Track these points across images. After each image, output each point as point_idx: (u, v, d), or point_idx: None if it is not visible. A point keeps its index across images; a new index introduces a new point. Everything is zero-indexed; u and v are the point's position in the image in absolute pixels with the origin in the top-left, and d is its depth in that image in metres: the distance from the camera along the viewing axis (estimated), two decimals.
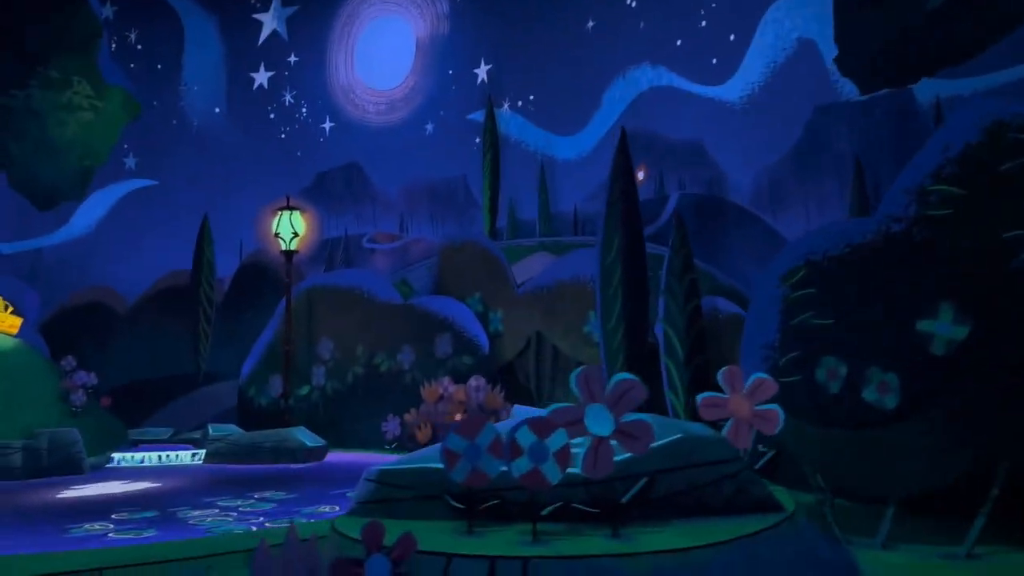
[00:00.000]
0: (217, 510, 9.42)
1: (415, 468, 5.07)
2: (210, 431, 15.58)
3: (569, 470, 5.21)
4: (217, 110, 23.55)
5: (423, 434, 14.35)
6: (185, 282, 19.39)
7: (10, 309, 15.58)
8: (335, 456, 14.66)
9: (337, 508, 9.34)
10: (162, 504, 9.81)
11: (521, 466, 5.21)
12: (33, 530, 8.33)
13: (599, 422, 5.30)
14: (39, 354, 15.82)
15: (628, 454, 5.41)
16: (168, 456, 14.92)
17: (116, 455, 14.69)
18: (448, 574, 4.32)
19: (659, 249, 12.59)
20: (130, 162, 22.87)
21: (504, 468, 5.28)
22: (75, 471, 13.34)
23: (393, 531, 4.09)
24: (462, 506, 5.32)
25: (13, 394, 14.29)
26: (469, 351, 15.19)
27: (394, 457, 13.65)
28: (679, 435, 5.85)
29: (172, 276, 19.83)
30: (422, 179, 21.04)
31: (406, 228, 21.30)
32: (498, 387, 14.21)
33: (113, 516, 9.03)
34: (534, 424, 5.21)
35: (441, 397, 14.47)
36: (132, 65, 22.93)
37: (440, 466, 5.06)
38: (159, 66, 23.48)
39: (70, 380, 15.39)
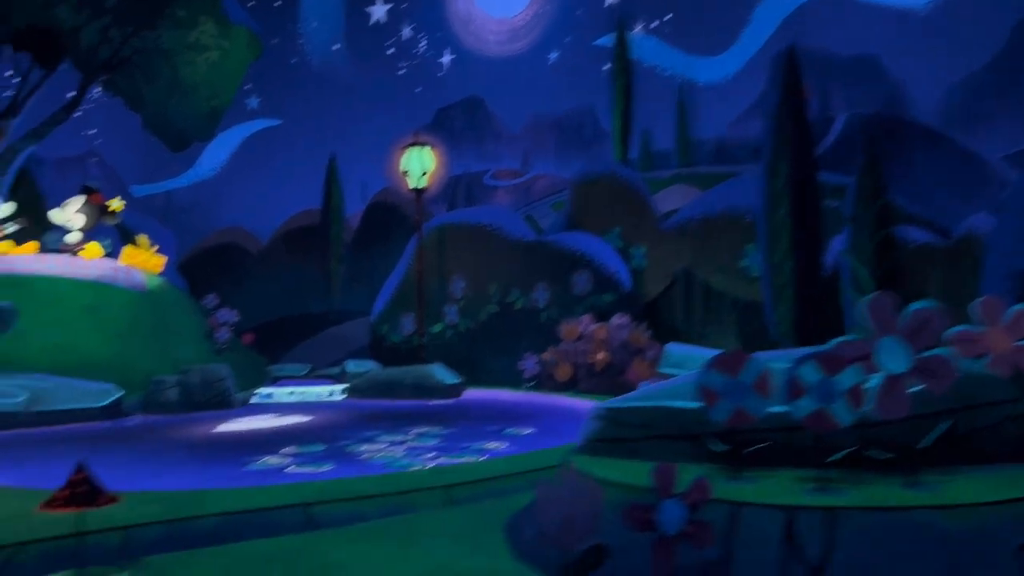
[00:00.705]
0: (384, 445, 9.33)
1: (651, 406, 4.62)
2: (348, 367, 15.76)
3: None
4: (336, 47, 23.35)
5: (562, 372, 14.02)
6: (315, 221, 19.54)
7: (155, 248, 16.01)
8: (471, 393, 14.56)
9: (505, 444, 9.11)
10: (324, 438, 9.82)
11: (805, 406, 4.62)
12: (212, 464, 8.42)
13: (893, 357, 4.59)
14: (184, 292, 16.28)
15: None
16: (311, 391, 15.14)
17: (260, 391, 15.04)
18: (736, 524, 3.83)
19: (825, 175, 11.57)
20: (252, 102, 23.11)
21: (774, 408, 4.62)
22: (225, 406, 13.69)
23: (627, 473, 3.65)
24: (726, 448, 4.73)
25: (164, 331, 14.77)
26: (609, 288, 14.66)
27: (532, 396, 13.68)
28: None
29: (303, 216, 20.04)
30: (546, 112, 20.32)
31: (529, 164, 20.74)
32: (643, 325, 13.64)
33: (283, 450, 9.05)
34: (823, 360, 4.55)
35: (581, 335, 14.05)
36: (251, 3, 22.95)
37: (680, 404, 4.58)
38: (276, 2, 23.40)
39: (214, 318, 15.81)
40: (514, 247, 15.78)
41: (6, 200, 15.25)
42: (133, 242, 15.93)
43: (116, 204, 15.44)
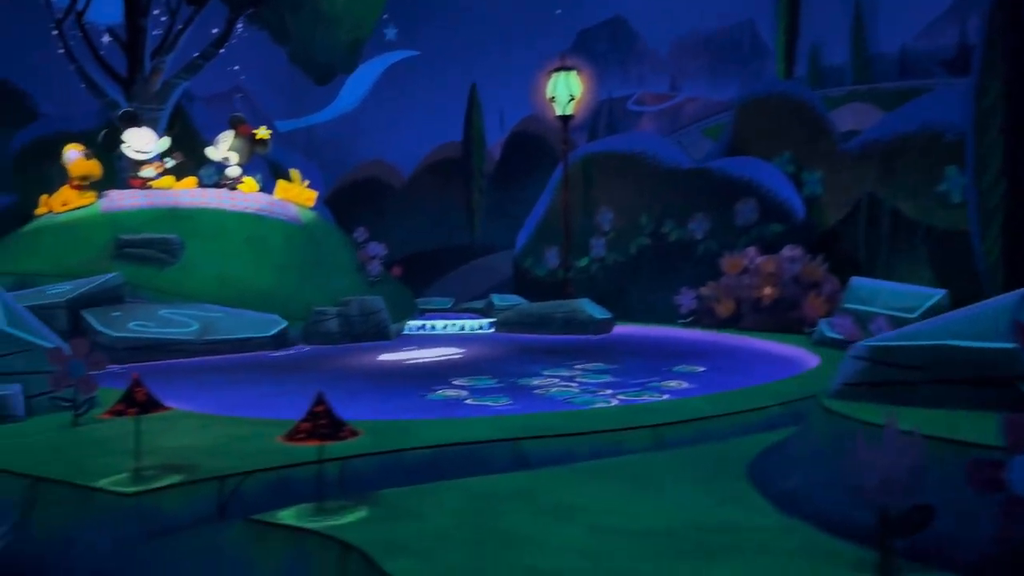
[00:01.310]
0: (557, 379, 9.02)
1: (933, 345, 3.97)
2: (495, 301, 15.57)
3: None
4: None
5: (724, 308, 13.27)
6: (457, 153, 19.29)
7: (307, 182, 16.19)
8: (622, 329, 14.07)
9: (685, 383, 8.60)
10: (490, 372, 9.61)
11: None
12: (392, 394, 8.33)
13: None
14: (335, 226, 16.46)
15: None
16: (460, 324, 15.09)
17: (410, 323, 15.11)
18: None
19: None
20: (390, 33, 22.86)
21: None
22: (382, 337, 13.83)
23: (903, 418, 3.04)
24: None
25: (319, 263, 15.01)
26: (779, 217, 13.64)
27: (690, 333, 13.03)
28: None
29: (444, 148, 19.83)
30: (698, 29, 18.98)
31: (678, 87, 19.58)
32: (819, 258, 12.62)
33: (454, 382, 8.90)
34: None
35: (745, 269, 13.19)
36: None
37: (973, 344, 3.89)
38: None
39: (364, 251, 15.93)
40: (669, 175, 14.92)
41: (164, 135, 15.71)
42: (285, 176, 16.15)
43: (263, 132, 15.62)
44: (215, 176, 15.52)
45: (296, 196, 15.95)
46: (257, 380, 9.47)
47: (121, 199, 14.37)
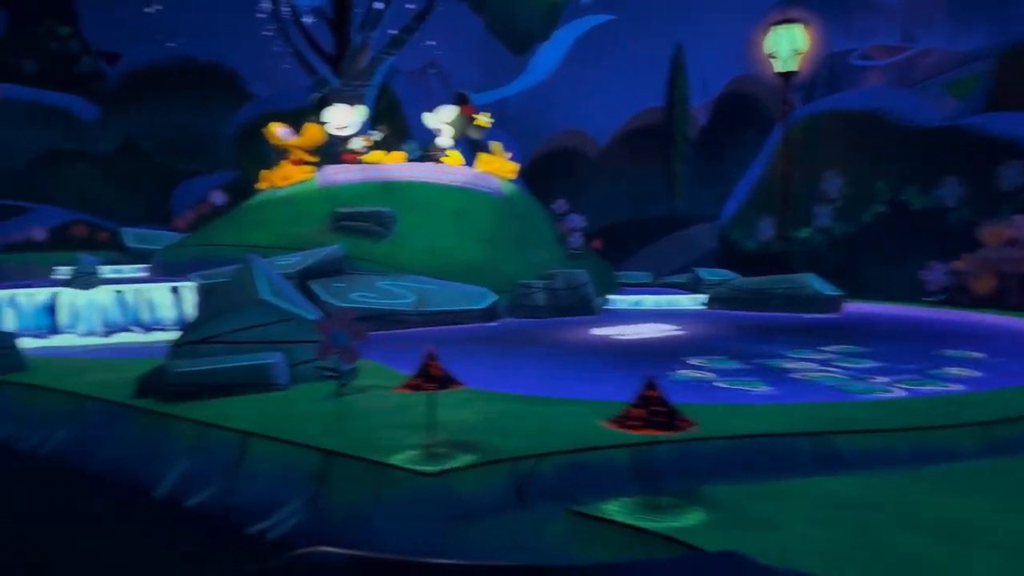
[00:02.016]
0: (810, 363, 8.16)
1: None
2: (702, 275, 14.73)
3: None
4: None
5: (983, 284, 11.70)
6: (658, 120, 18.48)
7: (508, 154, 16.05)
8: (854, 307, 12.79)
9: (971, 372, 7.47)
10: (725, 351, 8.89)
11: None
12: (631, 373, 7.81)
13: None
14: (534, 199, 16.22)
15: None
16: (668, 299, 14.39)
17: (612, 297, 14.60)
18: None
19: None
20: None
21: None
22: (587, 311, 13.43)
23: None
24: None
25: (522, 236, 14.83)
26: None
27: (942, 313, 11.56)
28: None
29: (644, 115, 19.08)
30: None
31: (911, 37, 17.58)
32: None
33: (689, 362, 8.27)
34: None
35: (1011, 240, 11.52)
36: None
37: None
38: None
39: (564, 223, 15.59)
40: (910, 135, 13.37)
41: (370, 109, 16.08)
42: (485, 149, 16.09)
43: (484, 120, 15.60)
44: (417, 151, 15.71)
45: (498, 169, 15.87)
46: (485, 352, 9.29)
47: (336, 173, 14.87)
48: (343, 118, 15.19)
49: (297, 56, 17.35)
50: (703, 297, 14.17)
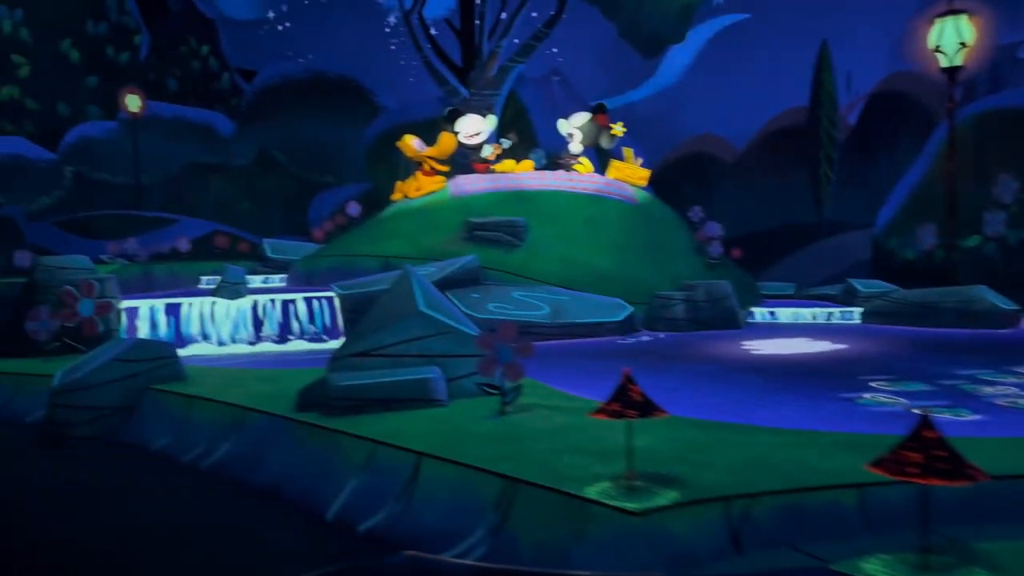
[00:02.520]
0: (1015, 388, 7.27)
1: None
2: (858, 287, 13.71)
3: None
4: None
5: None
6: (801, 121, 17.52)
7: (639, 161, 15.57)
8: None
9: None
10: (900, 371, 8.09)
11: None
12: (810, 397, 7.15)
13: None
14: (667, 206, 15.64)
15: None
16: (820, 313, 13.47)
17: (755, 309, 13.82)
18: None
19: None
20: None
21: None
22: (731, 325, 12.74)
23: None
24: None
25: (657, 245, 14.31)
26: None
27: None
28: None
29: (784, 116, 18.15)
30: None
31: None
32: None
33: (871, 384, 7.53)
34: None
35: None
36: None
37: None
38: None
39: (702, 231, 14.93)
40: None
41: (496, 118, 15.94)
42: (617, 157, 15.65)
43: (618, 129, 15.21)
44: (543, 159, 15.46)
45: (629, 176, 15.41)
46: (636, 369, 8.80)
47: (468, 183, 14.80)
48: (475, 127, 15.13)
49: (427, 67, 17.48)
50: (858, 310, 13.18)
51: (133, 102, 20.26)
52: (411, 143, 14.60)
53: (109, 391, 7.17)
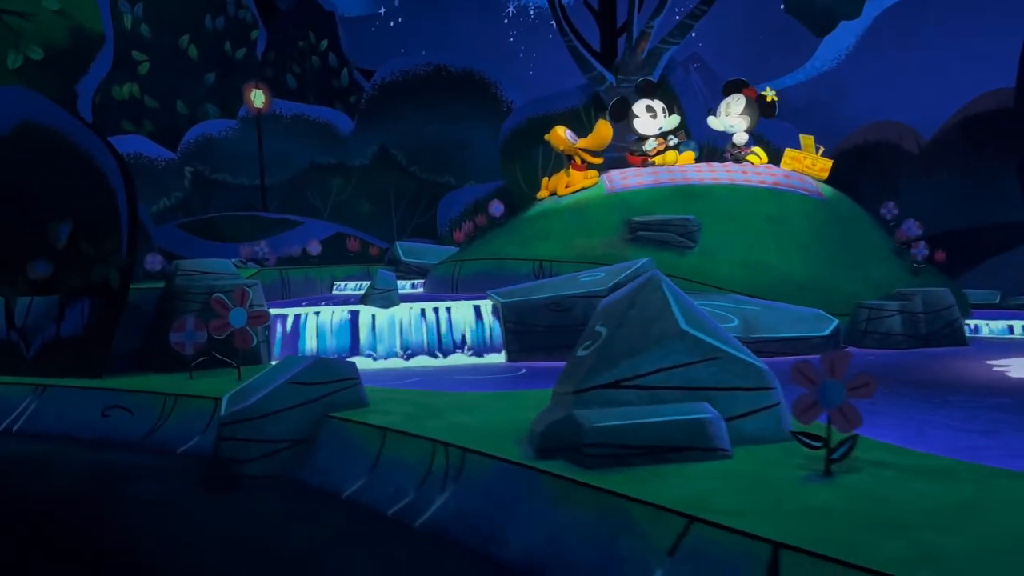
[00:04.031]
0: None
1: None
2: None
3: None
4: None
5: None
6: (1007, 104, 15.35)
7: (821, 150, 13.81)
8: None
9: None
10: None
11: None
12: None
13: None
14: (854, 202, 13.80)
15: None
16: None
17: (981, 323, 11.90)
18: None
19: None
20: None
21: None
22: (956, 341, 10.94)
23: None
24: None
25: (853, 246, 12.61)
26: None
27: None
28: None
29: (986, 98, 16.00)
30: None
31: None
32: None
33: None
34: None
35: None
36: None
37: None
38: None
39: (901, 231, 13.06)
40: None
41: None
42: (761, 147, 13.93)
43: (771, 94, 13.49)
44: (696, 150, 13.88)
45: (809, 167, 13.68)
46: (888, 399, 7.13)
47: (624, 178, 13.40)
48: (652, 125, 13.67)
49: (572, 53, 16.14)
50: None
51: (258, 98, 19.74)
52: (563, 134, 13.27)
53: (286, 420, 6.06)
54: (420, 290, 13.96)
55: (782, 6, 16.00)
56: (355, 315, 10.16)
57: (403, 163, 22.09)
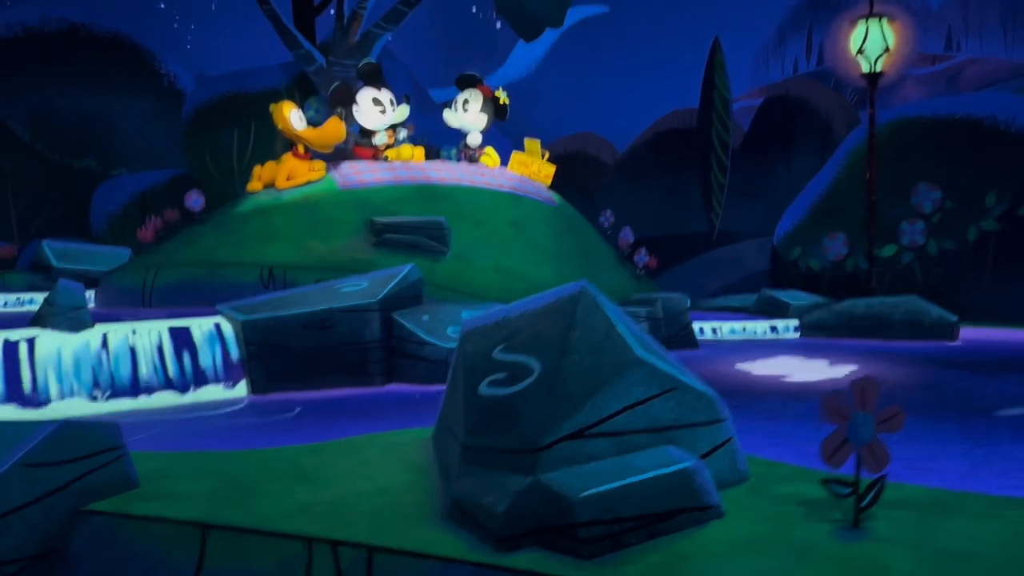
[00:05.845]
0: None
1: None
2: (783, 299, 13.16)
3: None
4: None
5: None
6: (690, 124, 16.82)
7: (546, 155, 13.75)
8: (974, 333, 11.79)
9: None
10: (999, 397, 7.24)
11: None
12: (943, 438, 5.82)
13: None
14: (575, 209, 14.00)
15: None
16: (753, 327, 12.65)
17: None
18: None
19: None
20: None
21: None
22: (690, 344, 11.45)
23: None
24: None
25: (588, 253, 12.71)
26: None
27: None
28: None
29: (672, 117, 17.34)
30: None
31: (955, 46, 17.09)
32: None
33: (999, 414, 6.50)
34: None
35: None
36: None
37: None
38: None
39: (622, 238, 13.54)
40: None
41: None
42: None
43: (504, 96, 13.14)
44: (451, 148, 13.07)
45: (535, 172, 13.55)
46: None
47: (358, 173, 11.94)
48: (381, 118, 12.21)
49: (275, 25, 14.07)
50: (792, 323, 12.59)
51: None
52: (288, 114, 11.27)
53: (17, 526, 3.75)
54: (91, 306, 10.88)
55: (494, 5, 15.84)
56: (31, 343, 7.27)
57: (25, 139, 17.62)
